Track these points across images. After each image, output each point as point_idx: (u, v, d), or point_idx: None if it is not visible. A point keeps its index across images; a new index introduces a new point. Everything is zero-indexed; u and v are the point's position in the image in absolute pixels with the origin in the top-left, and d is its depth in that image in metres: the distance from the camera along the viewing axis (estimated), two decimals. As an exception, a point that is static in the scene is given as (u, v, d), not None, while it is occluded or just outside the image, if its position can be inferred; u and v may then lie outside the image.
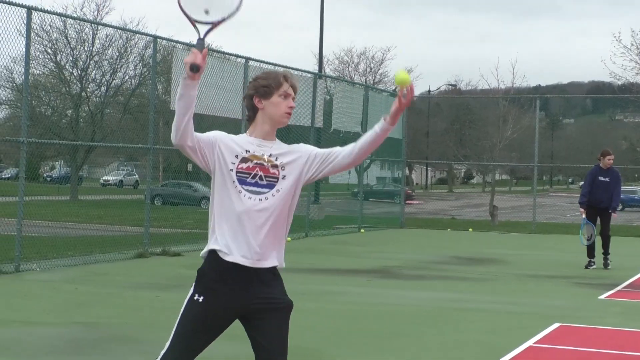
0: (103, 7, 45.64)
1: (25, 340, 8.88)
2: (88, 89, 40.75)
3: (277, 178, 4.86)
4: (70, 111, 40.76)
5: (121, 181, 56.35)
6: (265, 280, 4.87)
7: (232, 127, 27.45)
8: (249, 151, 4.85)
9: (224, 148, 4.85)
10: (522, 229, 29.78)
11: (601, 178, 17.78)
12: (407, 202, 35.26)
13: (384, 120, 4.95)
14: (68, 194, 34.89)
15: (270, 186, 4.84)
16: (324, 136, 27.68)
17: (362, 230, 26.89)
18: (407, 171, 56.56)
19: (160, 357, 4.83)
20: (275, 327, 4.87)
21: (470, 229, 29.57)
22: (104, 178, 56.21)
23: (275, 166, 4.87)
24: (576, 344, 9.55)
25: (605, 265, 17.67)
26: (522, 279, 15.56)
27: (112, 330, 9.46)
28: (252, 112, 4.96)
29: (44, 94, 39.89)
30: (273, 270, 4.95)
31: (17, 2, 14.40)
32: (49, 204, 26.10)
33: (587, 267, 17.63)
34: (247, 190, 4.80)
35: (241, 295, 4.78)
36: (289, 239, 22.39)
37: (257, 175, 4.83)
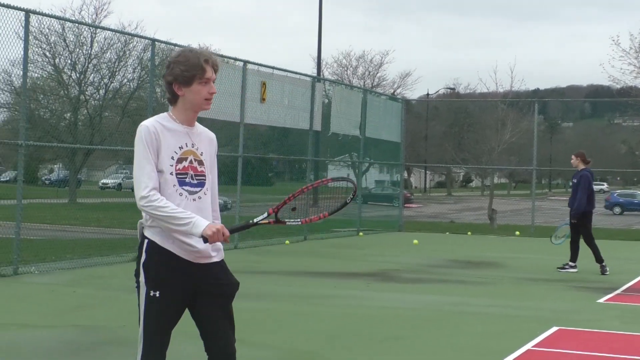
0: (101, 10, 45.78)
1: (23, 344, 8.86)
2: (86, 92, 40.76)
3: (205, 176, 4.87)
4: (68, 114, 40.76)
5: (120, 184, 56.24)
6: (210, 266, 4.86)
7: (231, 129, 27.45)
8: (182, 148, 4.79)
9: (164, 147, 4.75)
10: (521, 232, 29.75)
11: (573, 181, 17.64)
12: (405, 205, 35.26)
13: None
14: (66, 196, 34.84)
15: (201, 184, 4.85)
16: (322, 139, 27.70)
17: (361, 234, 26.89)
18: (405, 174, 56.56)
19: None
20: (220, 310, 4.86)
21: (469, 233, 29.56)
22: (102, 181, 56.08)
23: (201, 163, 4.86)
24: (575, 348, 9.53)
25: (603, 272, 17.35)
26: (520, 283, 15.55)
27: (110, 333, 9.45)
28: (172, 96, 4.85)
29: (43, 97, 39.88)
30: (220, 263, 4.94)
31: (15, 5, 14.39)
32: (48, 207, 26.08)
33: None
34: (185, 191, 4.78)
35: (191, 281, 4.78)
36: (287, 242, 22.43)
37: (190, 175, 4.81)
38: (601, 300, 13.42)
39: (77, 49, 40.08)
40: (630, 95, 44.88)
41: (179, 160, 4.77)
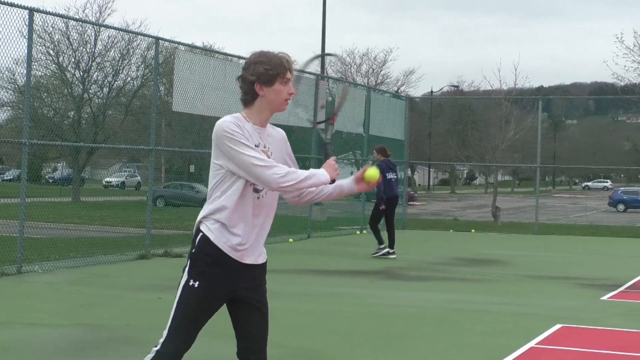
0: (105, 8, 45.78)
1: (28, 342, 8.87)
2: (90, 91, 40.80)
3: None
4: (72, 113, 40.81)
5: (123, 182, 56.33)
6: (256, 268, 4.91)
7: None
8: (257, 146, 4.81)
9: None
10: (525, 230, 29.76)
11: None
12: (409, 203, 35.26)
13: (354, 185, 4.93)
14: (70, 195, 34.87)
15: None
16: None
17: (365, 232, 26.88)
18: (409, 172, 56.52)
19: (160, 345, 4.83)
20: (260, 316, 4.92)
21: (473, 230, 29.55)
22: (106, 179, 56.17)
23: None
24: (579, 345, 9.53)
25: (379, 254, 18.86)
26: (524, 280, 15.54)
27: (114, 331, 9.46)
28: (249, 97, 4.86)
29: (46, 96, 39.93)
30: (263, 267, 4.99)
31: (19, 4, 14.39)
32: (51, 206, 26.09)
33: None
34: (251, 189, 4.81)
35: (234, 279, 4.81)
36: (290, 240, 22.38)
37: None
38: (605, 298, 13.41)
39: (81, 47, 40.15)
40: (634, 93, 44.84)
41: None
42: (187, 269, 4.88)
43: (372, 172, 5.04)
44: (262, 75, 4.79)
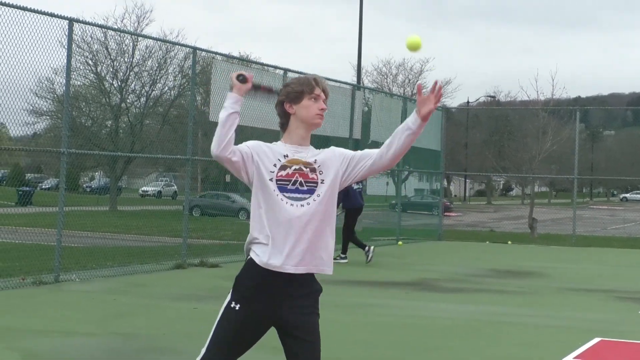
0: (143, 18, 46.08)
1: (64, 351, 8.93)
2: (128, 100, 41.08)
3: (317, 182, 4.87)
4: (110, 122, 41.11)
5: (160, 192, 56.62)
6: (302, 289, 4.86)
7: (271, 138, 27.50)
8: (287, 156, 4.86)
9: (262, 157, 4.86)
10: (562, 242, 29.55)
11: None
12: (445, 214, 35.10)
13: (417, 114, 4.86)
14: (107, 204, 35.09)
15: (311, 191, 4.84)
16: (362, 147, 27.59)
17: (400, 243, 26.81)
18: (445, 183, 56.37)
19: (200, 358, 4.87)
20: (309, 342, 4.89)
21: (509, 242, 29.39)
22: (142, 189, 56.46)
23: (313, 170, 4.88)
24: (617, 359, 9.44)
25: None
26: (561, 293, 15.42)
27: (150, 341, 9.50)
28: (284, 119, 5.00)
29: (84, 105, 40.24)
30: (312, 278, 4.92)
31: (59, 14, 14.53)
32: (88, 215, 26.28)
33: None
34: (288, 198, 4.80)
35: (277, 305, 4.79)
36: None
37: (297, 182, 4.83)
38: (643, 311, 13.27)
39: (119, 57, 40.44)
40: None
41: (282, 167, 4.84)
42: (231, 291, 4.90)
43: (411, 41, 4.97)
44: (289, 94, 4.97)
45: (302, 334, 4.84)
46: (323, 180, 4.87)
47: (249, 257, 4.86)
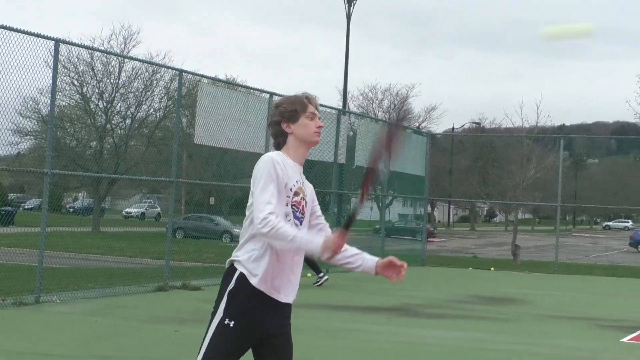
0: (130, 40, 46.07)
1: (44, 372, 8.86)
2: (113, 121, 41.04)
3: (305, 213, 4.95)
4: (94, 143, 41.04)
5: (143, 213, 56.55)
6: (286, 310, 4.94)
7: (253, 161, 27.53)
8: (298, 182, 4.91)
9: (288, 181, 4.83)
10: (545, 269, 29.59)
11: None
12: (428, 239, 35.14)
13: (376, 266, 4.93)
14: (90, 225, 35.00)
15: (302, 220, 4.93)
16: (346, 172, 27.69)
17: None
18: (429, 208, 56.42)
19: None
20: (286, 347, 4.93)
21: (492, 268, 29.40)
22: (126, 210, 56.41)
23: (305, 202, 4.96)
24: (598, 388, 9.44)
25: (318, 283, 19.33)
26: (543, 320, 15.42)
27: (130, 363, 9.43)
28: (281, 138, 4.98)
29: (69, 126, 40.19)
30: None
31: (45, 35, 14.53)
32: (71, 235, 26.20)
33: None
34: (294, 224, 4.85)
35: (268, 318, 4.82)
36: (309, 274, 22.30)
37: (299, 209, 4.91)
38: (625, 340, 13.27)
39: (105, 78, 40.44)
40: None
41: (296, 193, 4.87)
42: (222, 306, 4.84)
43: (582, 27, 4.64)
44: (284, 113, 4.94)
45: (280, 341, 4.90)
46: (306, 213, 4.97)
47: (238, 271, 4.81)
